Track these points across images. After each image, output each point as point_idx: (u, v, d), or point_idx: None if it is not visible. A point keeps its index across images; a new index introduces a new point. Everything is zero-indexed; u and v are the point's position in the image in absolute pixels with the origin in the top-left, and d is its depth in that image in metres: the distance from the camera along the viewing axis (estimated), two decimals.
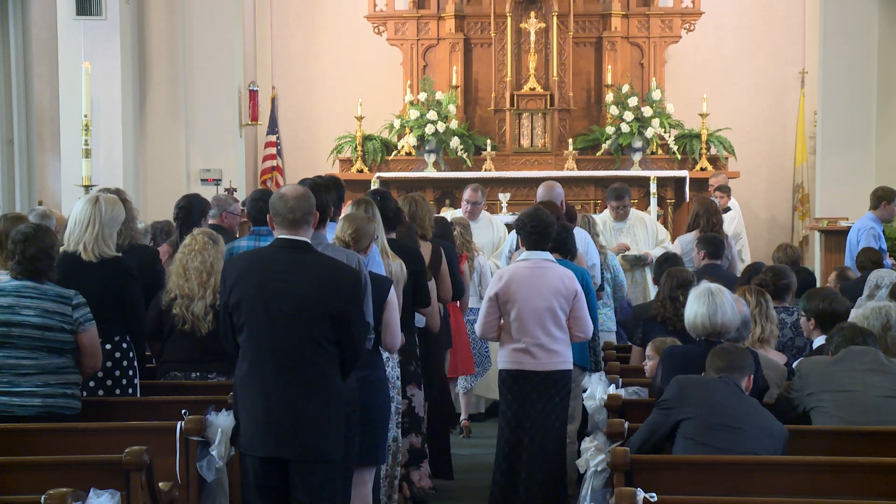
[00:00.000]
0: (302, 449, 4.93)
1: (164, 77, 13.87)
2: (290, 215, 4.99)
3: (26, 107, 13.00)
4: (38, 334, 5.44)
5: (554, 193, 8.71)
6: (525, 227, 6.92)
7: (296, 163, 15.52)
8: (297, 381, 4.92)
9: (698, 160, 14.36)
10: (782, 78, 15.52)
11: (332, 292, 4.94)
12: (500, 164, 14.34)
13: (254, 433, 4.95)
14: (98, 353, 5.66)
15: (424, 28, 14.91)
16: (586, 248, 8.13)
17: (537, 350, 6.78)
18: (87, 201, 6.17)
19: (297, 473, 4.95)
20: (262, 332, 4.95)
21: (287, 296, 4.92)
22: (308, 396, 4.92)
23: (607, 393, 5.99)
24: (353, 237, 5.91)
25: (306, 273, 4.97)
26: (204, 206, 8.00)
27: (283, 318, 4.92)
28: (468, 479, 8.13)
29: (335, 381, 5.00)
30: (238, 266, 5.11)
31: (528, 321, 6.77)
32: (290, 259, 4.99)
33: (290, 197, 5.02)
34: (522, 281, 6.80)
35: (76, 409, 5.57)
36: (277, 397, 4.91)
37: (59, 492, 4.07)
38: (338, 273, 5.04)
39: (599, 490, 5.07)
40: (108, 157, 12.91)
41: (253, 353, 4.97)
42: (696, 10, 14.92)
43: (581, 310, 6.81)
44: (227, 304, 5.05)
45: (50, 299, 5.48)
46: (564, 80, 14.63)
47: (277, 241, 5.06)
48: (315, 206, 5.10)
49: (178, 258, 6.46)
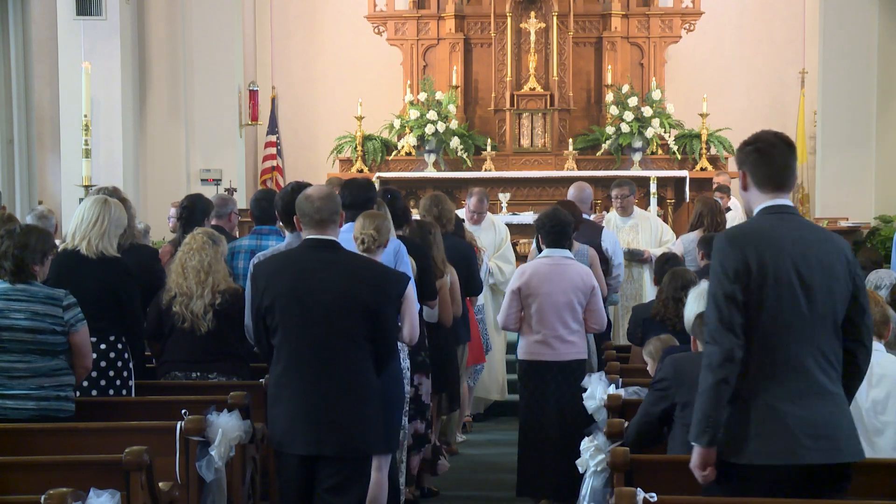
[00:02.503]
0: (341, 445, 4.99)
1: (164, 77, 13.88)
2: (316, 215, 5.07)
3: (26, 107, 13.04)
4: (28, 337, 5.38)
5: (584, 194, 9.29)
6: (545, 227, 7.39)
7: (296, 163, 15.52)
8: (334, 378, 4.98)
9: (698, 160, 14.36)
10: (782, 78, 15.52)
11: (364, 288, 5.02)
12: (500, 164, 14.34)
13: (293, 431, 4.99)
14: (89, 353, 5.60)
15: (424, 28, 14.92)
16: (614, 248, 8.82)
17: (555, 341, 7.24)
18: (96, 201, 6.19)
19: (330, 468, 4.99)
20: (297, 332, 5.00)
21: (320, 294, 4.98)
22: (346, 393, 4.99)
23: (607, 393, 6.00)
24: (376, 231, 6.03)
25: (337, 271, 5.05)
26: (207, 206, 8.00)
27: (317, 316, 4.97)
28: (469, 479, 8.15)
29: (371, 377, 5.07)
30: (269, 268, 5.17)
31: (549, 314, 7.24)
32: (321, 258, 5.06)
33: (315, 197, 5.10)
34: (544, 276, 7.27)
35: (70, 410, 5.52)
36: (316, 395, 4.97)
37: (59, 492, 4.06)
38: (368, 269, 5.16)
39: (599, 490, 5.06)
40: (108, 157, 12.92)
41: (289, 353, 5.02)
42: (696, 10, 14.92)
43: (597, 304, 7.33)
44: (261, 307, 5.08)
45: (39, 301, 5.42)
46: (564, 80, 14.63)
47: (306, 241, 5.14)
48: (341, 206, 5.20)
49: (177, 257, 6.48)
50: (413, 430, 7.15)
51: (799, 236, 4.02)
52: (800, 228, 4.05)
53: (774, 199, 4.08)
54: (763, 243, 3.97)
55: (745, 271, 3.93)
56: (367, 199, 6.64)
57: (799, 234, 4.03)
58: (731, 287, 3.94)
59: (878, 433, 4.87)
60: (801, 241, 4.01)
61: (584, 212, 9.11)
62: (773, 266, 3.94)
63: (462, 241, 8.31)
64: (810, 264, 3.98)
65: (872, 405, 4.81)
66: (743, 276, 3.93)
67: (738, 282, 3.93)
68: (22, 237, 5.48)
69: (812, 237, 4.05)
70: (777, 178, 4.08)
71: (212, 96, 13.89)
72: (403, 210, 7.22)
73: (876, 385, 4.86)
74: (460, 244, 8.16)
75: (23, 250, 5.44)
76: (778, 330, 3.94)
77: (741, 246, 3.97)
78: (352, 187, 6.75)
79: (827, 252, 4.03)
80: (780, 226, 4.03)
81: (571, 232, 7.45)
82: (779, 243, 3.98)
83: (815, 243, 4.02)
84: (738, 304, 3.93)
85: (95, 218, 6.11)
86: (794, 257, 3.96)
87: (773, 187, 4.07)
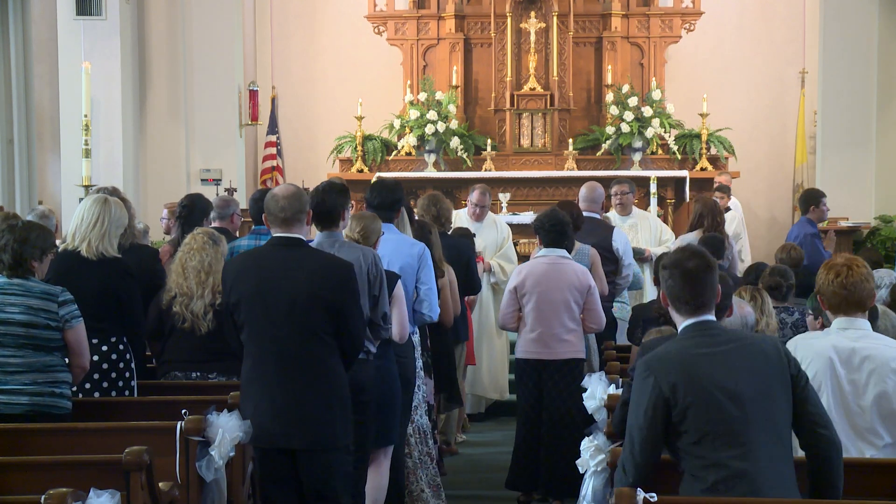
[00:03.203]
0: (308, 438, 5.12)
1: (164, 77, 13.87)
2: (281, 214, 5.18)
3: (26, 107, 13.03)
4: (23, 332, 5.39)
5: (595, 194, 9.28)
6: (543, 227, 7.45)
7: (296, 163, 15.52)
8: (299, 374, 5.10)
9: (698, 160, 14.35)
10: (782, 78, 15.52)
11: (325, 284, 5.11)
12: (500, 164, 14.34)
13: (261, 425, 5.13)
14: (85, 351, 5.59)
15: (424, 28, 14.91)
16: (625, 248, 8.80)
17: (551, 340, 7.33)
18: (96, 201, 6.18)
19: (306, 462, 5.15)
20: (262, 328, 5.12)
21: (283, 291, 5.09)
22: (311, 387, 5.10)
23: (607, 393, 5.99)
24: (362, 234, 6.14)
25: (300, 268, 5.14)
26: (206, 206, 8.00)
27: (280, 312, 5.09)
28: (470, 479, 8.15)
29: (337, 371, 5.17)
30: (236, 266, 5.30)
31: (545, 313, 7.32)
32: (285, 256, 5.17)
33: (280, 196, 5.21)
34: (540, 275, 7.35)
35: (66, 408, 5.51)
36: (281, 390, 5.10)
37: (59, 492, 4.06)
38: (330, 266, 5.21)
39: (599, 490, 5.06)
40: (108, 157, 12.91)
41: (255, 349, 5.16)
42: (696, 10, 14.91)
43: (594, 303, 7.37)
44: (229, 304, 5.23)
45: (35, 296, 5.42)
46: (564, 80, 14.62)
47: (272, 239, 5.27)
48: (307, 205, 5.27)
49: (178, 257, 6.48)
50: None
51: (719, 351, 4.03)
52: (719, 344, 4.06)
53: (695, 317, 4.11)
54: (678, 367, 4.00)
55: (662, 401, 3.97)
56: (396, 201, 6.69)
57: (718, 348, 4.04)
58: (644, 420, 3.99)
59: (858, 416, 4.82)
60: (720, 354, 4.02)
61: (596, 211, 9.13)
62: (689, 387, 3.97)
63: (461, 240, 8.32)
64: (735, 374, 3.99)
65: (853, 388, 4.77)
66: (660, 407, 3.98)
67: (655, 413, 3.98)
68: (22, 232, 5.50)
69: (733, 346, 4.05)
70: (694, 301, 4.10)
71: (212, 96, 13.88)
72: (408, 210, 7.22)
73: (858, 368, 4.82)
74: (459, 243, 8.17)
75: (22, 245, 5.45)
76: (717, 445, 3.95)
77: (654, 374, 4.01)
78: (379, 189, 6.80)
79: (752, 355, 4.05)
80: (699, 344, 4.04)
81: (570, 232, 7.50)
82: (696, 362, 4.00)
83: (736, 351, 4.04)
84: (649, 438, 4.00)
85: (96, 218, 6.11)
86: (714, 373, 3.98)
87: (691, 310, 4.11)
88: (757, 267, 7.76)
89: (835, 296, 4.85)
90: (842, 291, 4.86)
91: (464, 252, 8.11)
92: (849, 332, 4.86)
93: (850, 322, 4.88)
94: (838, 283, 4.87)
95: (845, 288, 4.86)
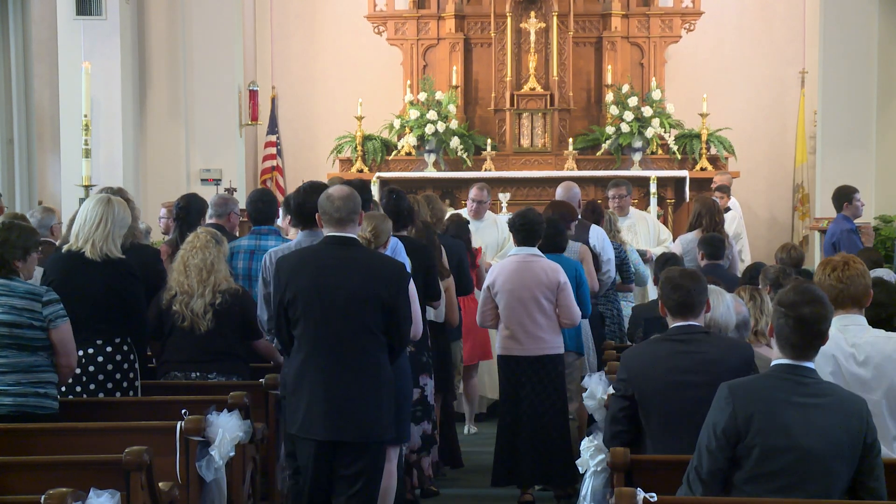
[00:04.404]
0: (359, 431, 5.27)
1: (164, 77, 13.87)
2: (336, 214, 5.39)
3: (26, 107, 13.03)
4: (6, 331, 5.37)
5: (571, 193, 9.23)
6: (515, 225, 7.53)
7: (296, 163, 15.52)
8: (352, 368, 5.27)
9: (698, 160, 14.35)
10: (782, 78, 15.52)
11: (380, 283, 5.31)
12: (500, 163, 14.34)
13: (313, 418, 5.26)
14: (72, 350, 5.58)
15: (424, 28, 14.91)
16: (602, 245, 8.70)
17: (523, 336, 7.38)
18: (99, 201, 6.15)
19: (349, 454, 5.28)
20: (318, 324, 5.30)
21: (340, 289, 5.28)
22: (363, 382, 5.27)
23: (607, 393, 5.99)
24: (373, 233, 6.24)
25: (356, 266, 5.34)
26: (202, 205, 8.00)
27: (337, 309, 5.28)
28: (469, 479, 8.14)
29: (386, 367, 5.37)
30: (291, 263, 5.44)
31: (515, 310, 7.39)
32: (340, 254, 5.37)
33: (336, 197, 5.41)
34: (510, 274, 7.42)
35: (52, 409, 5.50)
36: (335, 383, 5.25)
37: (59, 492, 4.06)
38: (385, 265, 5.46)
39: (599, 490, 5.07)
40: (108, 157, 12.90)
41: (309, 344, 5.31)
42: (696, 10, 14.91)
43: (566, 299, 7.37)
44: (283, 300, 5.36)
45: (19, 296, 5.41)
46: (564, 80, 14.62)
47: (326, 237, 5.44)
48: (360, 206, 5.49)
49: (180, 255, 6.48)
50: (421, 431, 7.23)
51: (808, 403, 4.02)
52: (811, 396, 4.05)
53: (796, 360, 4.09)
54: (760, 406, 4.01)
55: (734, 430, 4.01)
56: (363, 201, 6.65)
57: (809, 400, 4.03)
58: (715, 443, 4.03)
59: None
60: (808, 407, 4.01)
61: None
62: (763, 431, 3.99)
63: (455, 241, 8.27)
64: (814, 430, 3.99)
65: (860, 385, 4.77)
66: (731, 436, 4.01)
67: (727, 438, 4.02)
68: (2, 233, 5.47)
69: (822, 401, 4.05)
70: (801, 346, 4.07)
71: (212, 96, 13.87)
72: (409, 210, 7.26)
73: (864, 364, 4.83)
74: (453, 244, 8.13)
75: (2, 246, 5.44)
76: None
77: (735, 403, 4.03)
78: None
79: (837, 415, 4.04)
80: (791, 391, 4.04)
81: (542, 231, 7.55)
82: (780, 409, 4.01)
83: (823, 407, 4.02)
84: (714, 461, 4.03)
85: (99, 219, 6.08)
86: (793, 425, 3.99)
87: (795, 354, 4.08)
88: (756, 267, 7.76)
89: (831, 290, 4.86)
90: (838, 285, 4.90)
91: (455, 252, 8.08)
92: (850, 328, 4.88)
93: (849, 319, 4.89)
94: (835, 277, 4.91)
95: (841, 282, 4.90)
